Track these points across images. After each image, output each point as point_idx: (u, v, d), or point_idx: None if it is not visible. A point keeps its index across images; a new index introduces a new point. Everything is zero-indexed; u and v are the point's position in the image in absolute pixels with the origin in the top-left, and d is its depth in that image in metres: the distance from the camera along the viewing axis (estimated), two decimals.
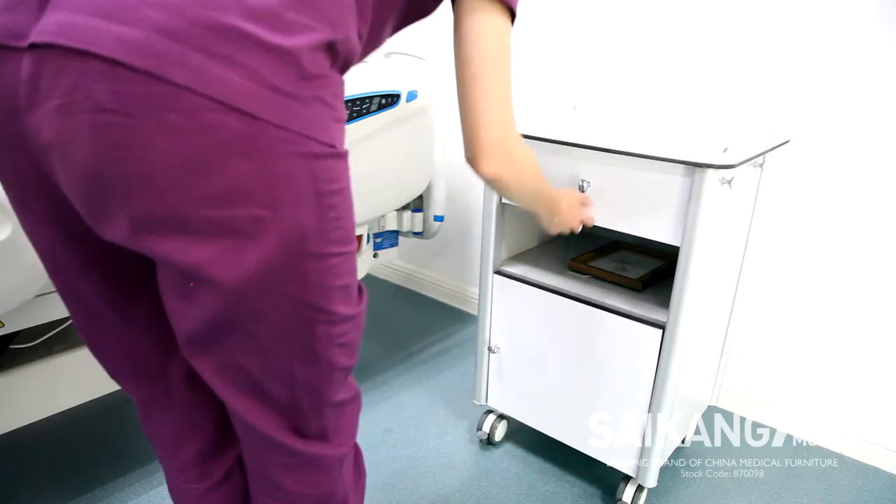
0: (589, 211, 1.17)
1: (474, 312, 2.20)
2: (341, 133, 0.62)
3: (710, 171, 1.04)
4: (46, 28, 0.52)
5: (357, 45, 0.65)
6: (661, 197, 1.11)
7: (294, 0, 0.55)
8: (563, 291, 1.32)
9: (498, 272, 1.41)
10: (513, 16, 0.73)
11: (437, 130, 1.63)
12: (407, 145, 1.52)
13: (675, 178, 1.10)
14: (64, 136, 0.54)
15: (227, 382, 0.70)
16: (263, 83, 0.53)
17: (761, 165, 1.32)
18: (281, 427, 0.72)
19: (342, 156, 0.62)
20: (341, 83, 0.63)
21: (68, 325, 1.35)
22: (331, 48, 0.59)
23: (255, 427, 0.72)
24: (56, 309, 1.22)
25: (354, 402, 0.79)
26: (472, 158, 0.78)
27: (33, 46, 0.52)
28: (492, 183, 0.81)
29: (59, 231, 0.67)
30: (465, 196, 2.18)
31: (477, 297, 1.50)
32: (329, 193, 0.60)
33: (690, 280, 1.12)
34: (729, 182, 1.10)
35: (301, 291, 0.62)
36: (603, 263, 1.44)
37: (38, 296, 1.11)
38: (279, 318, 0.64)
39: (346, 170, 0.63)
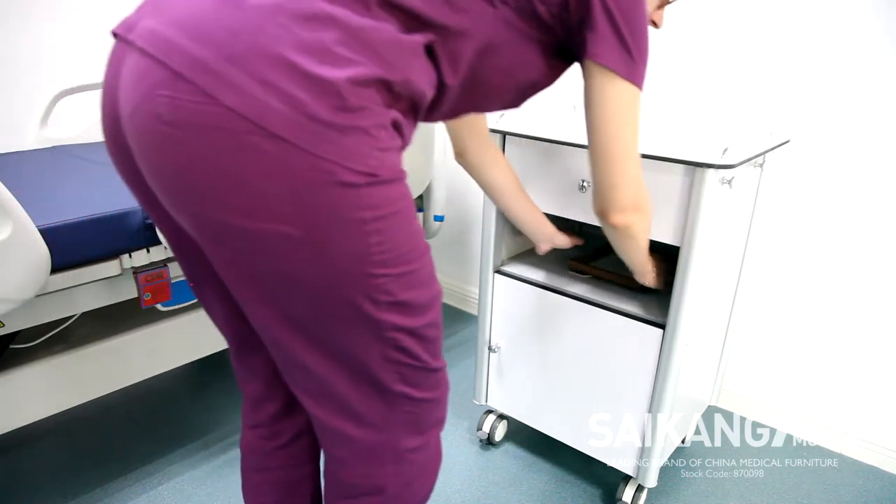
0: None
1: (474, 312, 2.20)
2: (389, 160, 0.63)
3: (710, 171, 1.04)
4: (142, 32, 0.59)
5: (425, 88, 0.66)
6: (661, 197, 1.11)
7: (347, 38, 0.58)
8: (563, 291, 1.32)
9: (498, 272, 1.41)
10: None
11: (437, 131, 1.63)
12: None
13: (675, 178, 1.10)
14: (137, 135, 0.61)
15: (295, 385, 0.76)
16: (301, 111, 0.56)
17: (761, 165, 1.32)
18: (338, 413, 0.75)
19: (388, 181, 0.63)
20: (391, 116, 0.63)
21: (68, 325, 1.35)
22: (384, 86, 0.61)
23: (318, 416, 0.77)
24: (56, 309, 1.22)
25: (433, 403, 0.78)
26: (603, 212, 0.88)
27: (133, 44, 0.60)
28: (621, 230, 0.91)
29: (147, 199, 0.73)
30: (465, 196, 2.18)
31: (477, 297, 1.50)
32: (368, 220, 0.62)
33: (690, 280, 1.12)
34: (729, 182, 1.10)
35: (343, 304, 0.65)
36: (603, 263, 1.44)
37: (38, 296, 1.11)
38: (321, 320, 0.67)
39: (394, 194, 0.64)
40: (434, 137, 1.62)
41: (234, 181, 0.57)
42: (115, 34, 0.65)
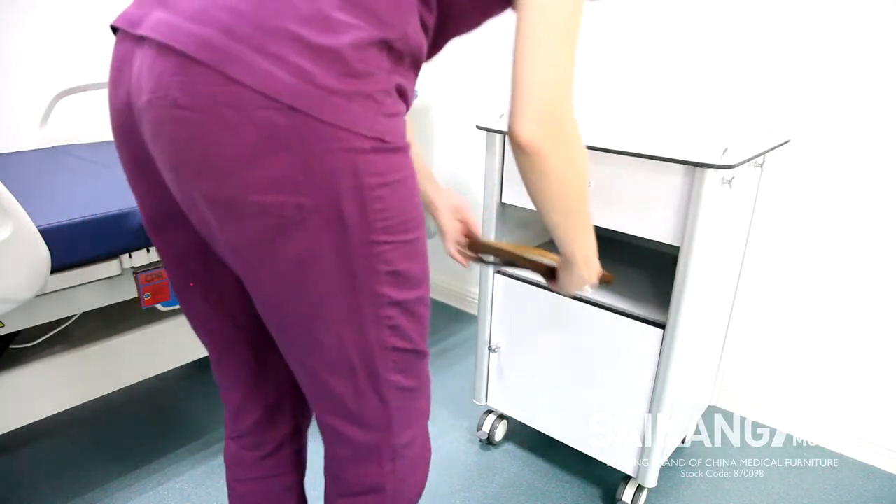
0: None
1: (474, 312, 2.20)
2: (395, 126, 0.64)
3: (710, 171, 1.04)
4: (150, 23, 0.60)
5: (421, 39, 0.66)
6: (660, 197, 1.11)
7: (343, 2, 0.59)
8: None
9: (498, 272, 1.41)
10: None
11: (437, 131, 1.63)
12: None
13: (675, 178, 1.10)
14: (151, 123, 0.62)
15: (298, 374, 0.76)
16: (308, 80, 0.57)
17: (761, 165, 1.32)
18: (338, 414, 0.76)
19: (394, 149, 0.64)
20: (395, 81, 0.64)
21: (68, 325, 1.35)
22: (385, 46, 0.62)
23: (319, 416, 0.78)
24: (56, 309, 1.22)
25: (418, 392, 0.79)
26: (510, 126, 0.66)
27: (142, 38, 0.61)
28: (527, 155, 0.66)
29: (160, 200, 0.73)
30: (465, 196, 2.18)
31: (477, 297, 1.50)
32: (374, 186, 0.62)
33: (690, 280, 1.12)
34: (729, 182, 1.10)
35: (346, 276, 0.66)
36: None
37: (38, 296, 1.11)
38: (328, 297, 0.67)
39: (399, 163, 0.65)
40: (434, 137, 1.62)
41: (250, 157, 0.58)
42: (116, 28, 0.66)
